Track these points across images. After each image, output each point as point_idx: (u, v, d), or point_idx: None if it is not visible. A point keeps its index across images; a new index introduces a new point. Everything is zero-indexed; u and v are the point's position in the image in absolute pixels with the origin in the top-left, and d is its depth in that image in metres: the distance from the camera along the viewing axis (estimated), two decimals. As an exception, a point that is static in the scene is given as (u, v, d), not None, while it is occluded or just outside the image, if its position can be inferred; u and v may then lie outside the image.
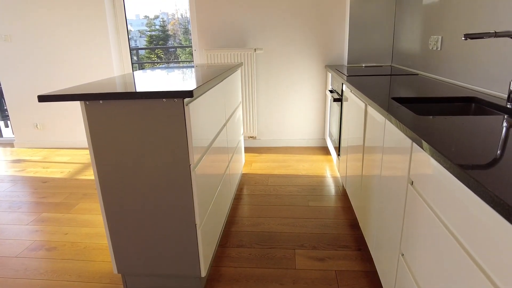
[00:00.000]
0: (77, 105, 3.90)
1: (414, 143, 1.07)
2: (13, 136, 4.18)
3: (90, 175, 3.12)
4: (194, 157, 1.41)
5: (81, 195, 2.72)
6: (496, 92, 1.58)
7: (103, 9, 3.55)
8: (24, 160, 3.62)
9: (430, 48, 2.29)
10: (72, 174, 3.17)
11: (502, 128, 1.06)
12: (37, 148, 4.03)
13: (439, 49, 2.17)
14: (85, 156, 3.67)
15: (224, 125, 2.13)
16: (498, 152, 0.84)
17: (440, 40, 2.15)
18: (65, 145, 4.02)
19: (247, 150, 3.65)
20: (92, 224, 2.27)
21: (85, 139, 3.96)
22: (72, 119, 3.94)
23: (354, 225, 2.16)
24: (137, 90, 1.30)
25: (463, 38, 1.28)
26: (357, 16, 3.15)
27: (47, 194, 2.76)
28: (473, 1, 1.77)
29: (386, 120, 1.36)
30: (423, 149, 0.95)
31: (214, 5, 3.39)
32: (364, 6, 3.12)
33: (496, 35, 1.25)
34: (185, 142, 1.36)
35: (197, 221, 1.48)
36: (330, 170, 3.04)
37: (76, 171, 3.24)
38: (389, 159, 1.34)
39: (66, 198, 2.68)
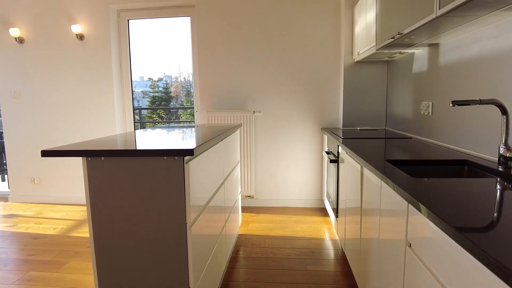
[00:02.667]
0: (76, 161, 3.93)
1: (410, 205, 1.08)
2: (8, 190, 4.14)
3: (84, 232, 3.04)
4: (191, 216, 1.40)
5: (72, 253, 2.62)
6: (486, 155, 1.63)
7: (110, 72, 3.75)
8: (16, 215, 3.54)
9: (422, 113, 2.40)
10: (65, 231, 3.08)
11: (496, 190, 1.08)
12: (32, 203, 3.97)
13: (430, 114, 2.27)
14: (80, 212, 3.61)
15: (222, 183, 2.14)
16: (494, 214, 0.85)
17: (430, 105, 2.26)
18: (61, 201, 3.97)
19: (244, 209, 3.61)
20: (81, 285, 2.16)
21: (81, 195, 3.93)
22: (70, 175, 3.95)
23: (354, 291, 2.06)
24: (139, 148, 1.34)
25: (451, 105, 1.35)
26: (351, 82, 3.33)
27: (37, 251, 2.66)
28: (460, 71, 1.90)
29: (382, 182, 1.38)
30: (420, 211, 0.95)
31: (216, 70, 3.60)
32: (357, 73, 3.31)
33: (481, 102, 1.33)
34: (183, 200, 1.36)
35: (191, 284, 1.42)
36: (329, 233, 2.98)
37: (69, 228, 3.16)
38: (386, 221, 1.34)
39: (56, 256, 2.58)
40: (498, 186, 1.13)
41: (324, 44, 3.48)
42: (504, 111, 1.36)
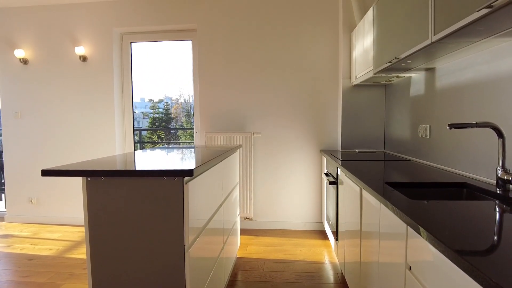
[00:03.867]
0: (75, 181, 3.91)
1: (409, 228, 1.07)
2: (5, 210, 4.10)
3: (80, 253, 2.99)
4: (189, 237, 1.39)
5: (68, 274, 2.57)
6: (484, 177, 1.63)
7: (112, 93, 3.80)
8: (12, 236, 3.49)
9: (420, 136, 2.42)
10: (61, 252, 3.03)
11: (495, 213, 1.08)
12: (28, 223, 3.92)
13: (428, 137, 2.29)
14: (77, 233, 3.56)
15: (221, 205, 2.13)
16: (494, 237, 0.85)
17: (428, 128, 2.28)
18: (58, 221, 3.92)
19: (243, 232, 3.57)
20: (73, 310, 2.11)
21: (79, 216, 3.89)
22: (68, 195, 3.92)
23: (355, 317, 2.01)
24: (139, 168, 1.34)
25: (447, 128, 1.37)
26: (349, 105, 3.37)
27: (31, 272, 2.61)
28: (456, 94, 1.94)
29: (381, 205, 1.38)
30: (420, 234, 0.95)
31: (216, 91, 3.65)
32: (355, 96, 3.36)
33: (477, 125, 1.35)
34: (181, 221, 1.36)
35: (188, 308, 1.39)
36: (329, 256, 2.94)
37: (65, 249, 3.11)
38: (386, 244, 1.33)
39: (51, 277, 2.52)
40: (497, 209, 1.13)
41: (322, 67, 3.55)
42: (500, 134, 1.37)
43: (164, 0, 3.69)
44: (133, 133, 4.03)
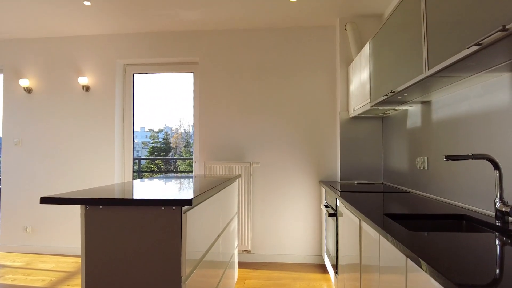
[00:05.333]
0: (71, 210, 3.87)
1: (409, 260, 1.06)
2: (-3, 241, 4.02)
3: (74, 285, 2.90)
4: (186, 269, 1.36)
5: (57, 310, 2.48)
6: (483, 209, 1.63)
7: (113, 122, 3.85)
8: (4, 266, 3.40)
9: (418, 167, 2.43)
10: (53, 284, 2.94)
11: (496, 245, 1.07)
12: (22, 253, 3.83)
13: (426, 168, 2.30)
14: (71, 264, 3.47)
15: (219, 236, 2.10)
16: (496, 270, 0.84)
17: (426, 160, 2.30)
18: (52, 251, 3.84)
19: (241, 265, 3.48)
20: None
21: (74, 245, 3.81)
22: (64, 224, 3.86)
23: None
24: (138, 197, 1.34)
25: (444, 159, 1.39)
26: (347, 137, 3.41)
27: (20, 308, 2.52)
28: (452, 127, 1.97)
29: (381, 236, 1.37)
30: (420, 267, 0.94)
31: (216, 122, 3.70)
32: (353, 128, 3.41)
33: (474, 157, 1.37)
34: (179, 252, 1.34)
35: None
36: (328, 290, 2.86)
37: (58, 280, 3.02)
38: (386, 278, 1.30)
39: (39, 313, 2.44)
40: (498, 241, 1.12)
41: (320, 99, 3.62)
42: (496, 166, 1.39)
43: (167, 34, 3.82)
44: (132, 162, 4.03)
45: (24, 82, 3.88)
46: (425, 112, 2.32)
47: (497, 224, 1.36)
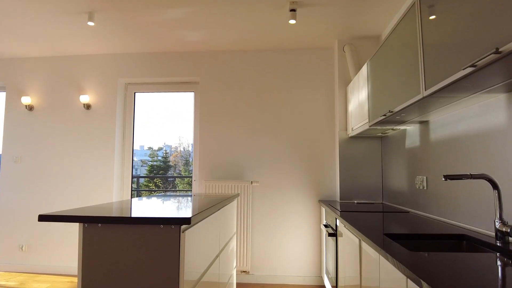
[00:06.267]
0: (68, 228, 3.82)
1: (409, 281, 1.05)
2: (-8, 260, 3.95)
3: (65, 308, 2.84)
4: (184, 288, 1.34)
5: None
6: (483, 229, 1.62)
7: (113, 141, 3.86)
8: (-4, 288, 3.33)
9: (417, 187, 2.43)
10: (45, 307, 2.88)
11: (497, 266, 1.06)
12: (16, 272, 3.76)
13: (425, 188, 2.30)
14: (66, 284, 3.40)
15: (217, 256, 2.07)
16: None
17: (425, 180, 2.30)
18: (47, 270, 3.77)
19: (239, 286, 3.42)
20: None
21: (69, 264, 3.75)
22: (59, 242, 3.81)
23: None
24: (137, 216, 1.33)
25: (443, 179, 1.40)
26: (346, 156, 3.42)
27: (12, 329, 2.46)
28: (451, 146, 1.98)
29: (381, 257, 1.35)
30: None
31: (216, 140, 3.72)
32: (352, 147, 3.42)
33: (472, 177, 1.37)
34: (176, 271, 1.32)
35: None
36: (328, 313, 2.80)
37: (50, 303, 2.95)
38: (388, 298, 1.28)
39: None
40: (499, 262, 1.11)
41: (319, 119, 3.65)
42: (494, 185, 1.39)
43: (169, 54, 3.89)
44: (131, 180, 4.02)
45: (26, 100, 3.92)
46: (424, 132, 2.34)
47: (498, 244, 1.35)
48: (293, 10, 2.79)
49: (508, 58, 1.04)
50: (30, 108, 3.97)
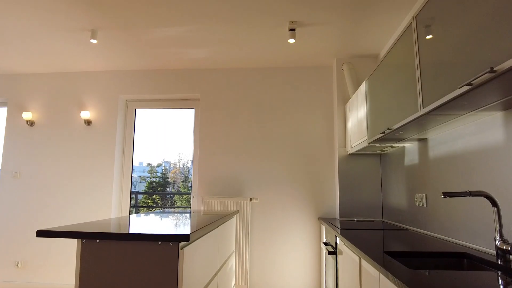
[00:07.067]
0: (64, 245, 3.77)
1: (411, 299, 1.04)
2: (-14, 278, 3.88)
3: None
4: (182, 306, 1.32)
5: None
6: (483, 247, 1.61)
7: (112, 157, 3.86)
8: (-11, 307, 3.26)
9: (417, 204, 2.42)
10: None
11: (499, 285, 1.05)
12: (8, 293, 3.69)
13: (425, 205, 2.30)
14: (59, 304, 3.33)
15: (216, 274, 2.04)
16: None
17: (424, 197, 2.30)
18: (43, 287, 3.71)
19: (237, 305, 3.35)
20: None
21: (65, 282, 3.68)
22: (55, 259, 3.75)
23: None
24: (136, 232, 1.33)
25: (442, 196, 1.40)
26: (346, 173, 3.42)
27: None
28: (449, 163, 1.99)
29: (381, 275, 1.34)
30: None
31: (216, 157, 3.72)
32: (352, 164, 3.43)
33: (471, 194, 1.38)
34: (174, 288, 1.31)
35: None
36: (328, 334, 2.74)
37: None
38: (389, 317, 1.26)
39: None
40: (500, 281, 1.10)
41: (318, 136, 3.67)
42: (494, 203, 1.39)
43: (170, 71, 3.94)
44: (130, 197, 4.00)
45: (27, 115, 3.94)
46: (422, 149, 2.36)
47: (499, 262, 1.34)
48: (292, 29, 2.86)
49: (502, 77, 1.06)
50: (30, 123, 3.99)
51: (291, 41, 2.92)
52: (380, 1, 2.49)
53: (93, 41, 3.01)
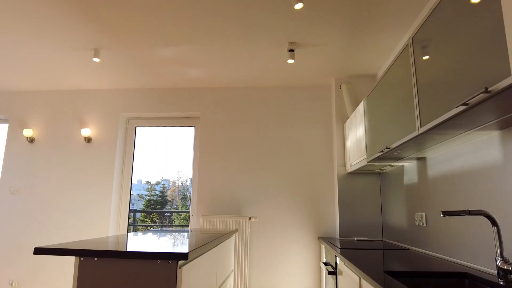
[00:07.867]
0: (60, 263, 3.71)
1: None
2: (-21, 298, 3.80)
3: None
4: (179, 327, 1.30)
5: None
6: (484, 267, 1.59)
7: (112, 174, 3.86)
8: (-19, 328, 3.18)
9: (417, 224, 2.41)
10: None
11: (499, 306, 1.04)
12: (1, 314, 3.60)
13: (424, 225, 2.28)
14: (52, 326, 3.25)
15: (214, 293, 2.01)
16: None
17: (424, 216, 2.29)
18: (33, 311, 3.62)
19: (235, 327, 3.27)
20: None
21: (58, 305, 3.60)
22: (51, 278, 3.68)
23: None
24: (134, 250, 1.32)
25: (441, 215, 1.40)
26: (345, 192, 3.41)
27: None
28: (448, 182, 2.00)
29: (382, 294, 1.32)
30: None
31: (215, 175, 3.72)
32: (351, 183, 3.42)
33: (470, 213, 1.38)
34: (172, 308, 1.28)
35: None
36: None
37: None
38: None
39: None
40: (501, 301, 1.09)
41: (317, 155, 3.68)
42: (493, 222, 1.39)
43: (171, 90, 3.99)
44: (128, 215, 3.97)
45: (28, 132, 3.96)
46: (421, 168, 2.36)
47: (501, 283, 1.33)
48: (291, 50, 2.91)
49: (497, 97, 1.08)
50: (31, 140, 4.00)
51: (290, 61, 2.98)
52: (378, 23, 2.56)
53: (96, 59, 3.06)
